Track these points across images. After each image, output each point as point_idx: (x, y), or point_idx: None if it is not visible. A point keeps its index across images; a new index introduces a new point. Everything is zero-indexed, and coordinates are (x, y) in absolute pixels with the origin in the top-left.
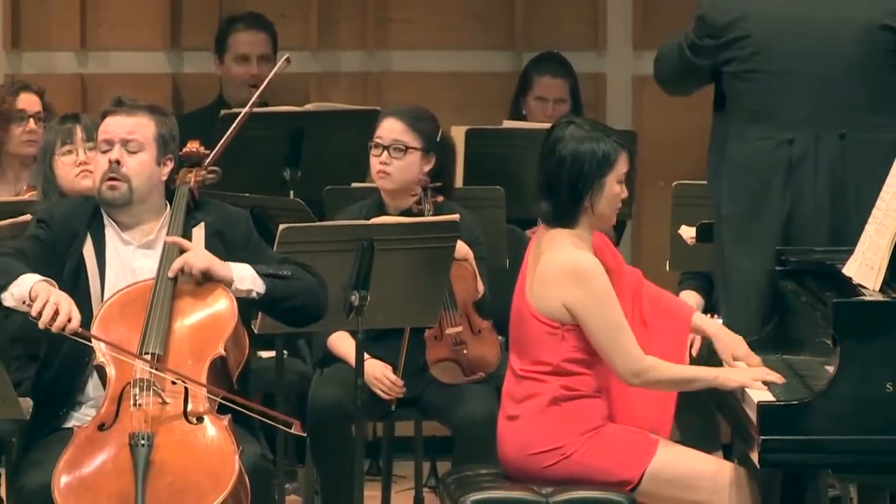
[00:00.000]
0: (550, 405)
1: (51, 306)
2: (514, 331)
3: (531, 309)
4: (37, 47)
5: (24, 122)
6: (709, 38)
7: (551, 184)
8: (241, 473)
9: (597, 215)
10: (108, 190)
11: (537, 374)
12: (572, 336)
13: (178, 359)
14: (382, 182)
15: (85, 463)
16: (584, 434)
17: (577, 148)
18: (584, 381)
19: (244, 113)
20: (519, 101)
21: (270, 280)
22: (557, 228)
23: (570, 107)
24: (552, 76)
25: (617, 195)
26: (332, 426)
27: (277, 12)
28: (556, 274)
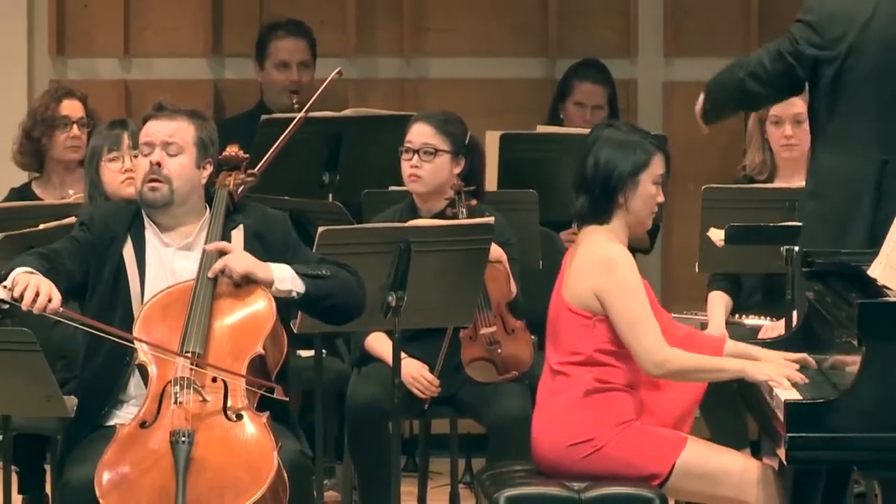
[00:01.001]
0: (584, 397)
1: (31, 288)
2: (551, 328)
3: (566, 303)
4: (81, 54)
5: (67, 127)
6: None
7: (587, 180)
8: (279, 469)
9: (631, 213)
10: (149, 191)
11: (571, 364)
12: (603, 326)
13: (218, 357)
14: (414, 185)
15: (127, 460)
16: (616, 426)
17: (613, 146)
18: (616, 374)
19: (298, 118)
20: (558, 105)
21: (310, 280)
22: (592, 225)
23: (608, 113)
24: (592, 83)
25: (652, 196)
26: (370, 424)
27: (317, 19)
28: (589, 264)
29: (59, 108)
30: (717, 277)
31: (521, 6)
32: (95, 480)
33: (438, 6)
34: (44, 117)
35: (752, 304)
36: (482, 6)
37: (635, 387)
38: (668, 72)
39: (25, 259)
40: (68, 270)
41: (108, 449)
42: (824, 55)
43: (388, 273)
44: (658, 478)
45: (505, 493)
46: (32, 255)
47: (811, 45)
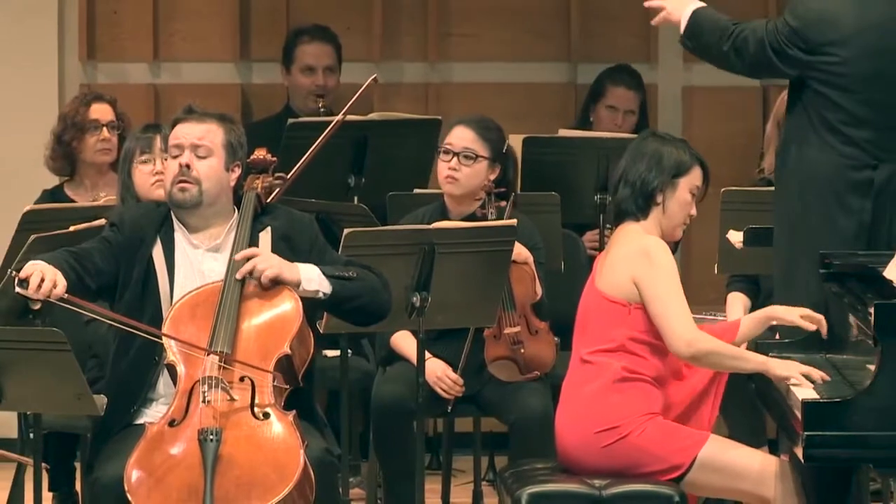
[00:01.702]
0: (613, 384)
1: (37, 275)
2: (581, 319)
3: (601, 293)
4: (111, 58)
5: (97, 131)
6: (799, 51)
7: (629, 175)
8: (306, 467)
9: (667, 215)
10: (178, 192)
11: (602, 352)
12: (639, 314)
13: (246, 357)
14: (450, 187)
15: (156, 457)
16: (642, 416)
17: (659, 147)
18: (645, 366)
19: (335, 122)
20: (589, 108)
21: (336, 280)
22: (628, 222)
23: (638, 119)
24: (626, 88)
25: (688, 203)
26: (395, 422)
27: (343, 25)
28: (627, 255)
29: (88, 112)
30: (736, 279)
31: (544, 12)
32: (125, 478)
33: (463, 12)
34: (74, 121)
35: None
36: (505, 12)
37: (662, 383)
38: (687, 77)
39: (52, 255)
40: (98, 269)
41: (138, 447)
42: (808, 59)
43: (412, 274)
44: (679, 469)
45: (527, 491)
46: (60, 252)
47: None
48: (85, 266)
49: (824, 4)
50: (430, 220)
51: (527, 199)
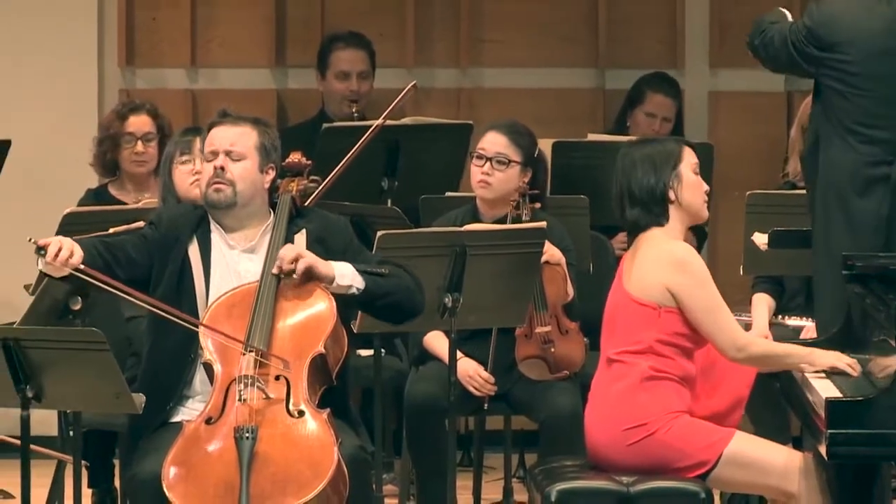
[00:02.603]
0: (640, 383)
1: (55, 244)
2: (609, 320)
3: (630, 296)
4: (150, 64)
5: (132, 144)
6: (814, 48)
7: (632, 192)
8: (339, 464)
9: (685, 206)
10: (213, 192)
11: (630, 353)
12: (669, 317)
13: (281, 355)
14: (482, 191)
15: (192, 454)
16: (668, 414)
17: (642, 154)
18: (673, 366)
19: (375, 126)
20: (626, 113)
21: (370, 277)
22: (651, 229)
23: (673, 126)
24: (664, 95)
25: (697, 183)
26: (427, 420)
27: (376, 31)
28: (657, 262)
29: (124, 126)
30: (761, 280)
31: (573, 19)
32: (162, 474)
33: (493, 19)
34: (109, 134)
35: (794, 306)
36: (535, 19)
37: (688, 383)
38: (713, 82)
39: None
40: (130, 260)
41: (175, 444)
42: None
43: (444, 275)
44: (705, 465)
45: (557, 487)
46: (91, 238)
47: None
48: (115, 255)
49: (835, 7)
50: (462, 222)
51: (556, 202)
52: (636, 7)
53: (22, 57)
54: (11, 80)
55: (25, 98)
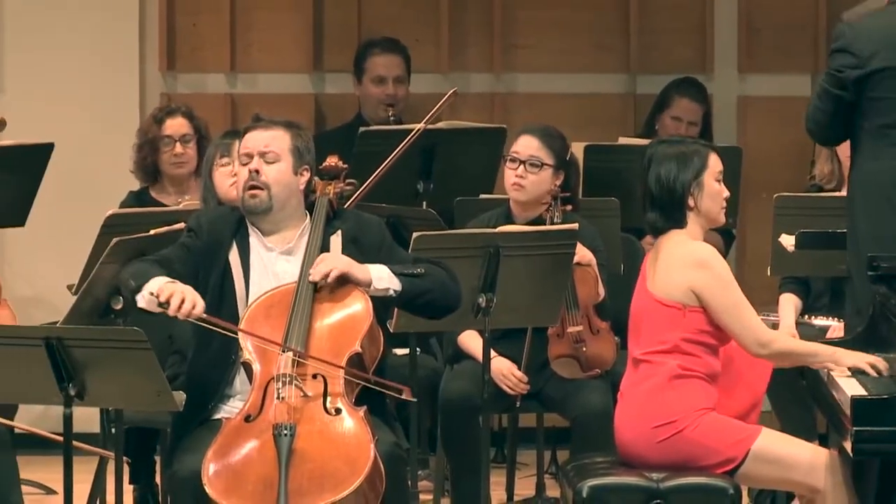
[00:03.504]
0: (668, 382)
1: (178, 295)
2: (634, 322)
3: (655, 297)
4: (190, 69)
5: (170, 146)
6: (853, 70)
7: (655, 194)
8: (376, 461)
9: (703, 213)
10: (249, 198)
11: (656, 353)
12: (693, 317)
13: (318, 355)
14: (516, 194)
15: (232, 451)
16: (696, 411)
17: (670, 159)
18: (698, 364)
19: (417, 130)
20: (654, 116)
21: (406, 278)
22: (670, 232)
23: (701, 130)
24: (691, 100)
25: (718, 192)
26: (462, 418)
27: (412, 37)
28: (679, 263)
29: (161, 129)
30: (788, 280)
31: (604, 25)
32: (202, 471)
33: (526, 25)
34: (147, 138)
35: (820, 306)
36: (567, 25)
37: (714, 380)
38: (742, 87)
39: (143, 266)
40: (179, 275)
41: (215, 441)
42: (862, 73)
43: (478, 275)
44: (733, 462)
45: (588, 483)
46: (148, 262)
47: (849, 67)
48: (169, 274)
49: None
50: (496, 224)
51: (587, 204)
52: (667, 14)
53: (65, 62)
54: (55, 85)
55: (68, 102)
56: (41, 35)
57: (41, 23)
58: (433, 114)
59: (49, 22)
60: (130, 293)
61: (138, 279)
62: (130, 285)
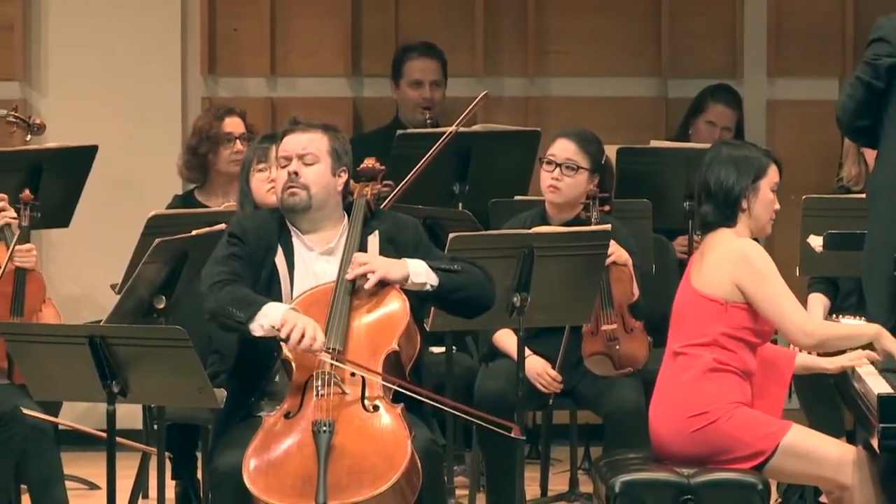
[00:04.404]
0: (704, 374)
1: (298, 330)
2: (676, 316)
3: (698, 291)
4: (231, 73)
5: (231, 143)
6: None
7: (711, 189)
8: (413, 457)
9: (753, 218)
10: (289, 196)
11: (695, 346)
12: (735, 312)
13: (356, 353)
14: (552, 196)
15: (272, 447)
16: (730, 404)
17: (733, 161)
18: (735, 359)
19: (449, 133)
20: (689, 120)
21: (443, 273)
22: (719, 230)
23: (734, 135)
24: (725, 105)
25: (771, 201)
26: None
27: (448, 42)
28: (725, 259)
29: (222, 126)
30: (817, 280)
31: (636, 30)
32: (243, 466)
33: (560, 30)
34: (209, 135)
35: (847, 305)
36: (600, 30)
37: (749, 376)
38: (771, 90)
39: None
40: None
41: (255, 437)
42: None
43: (513, 275)
44: (763, 455)
45: (620, 479)
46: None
47: (885, 55)
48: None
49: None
50: (531, 225)
51: (620, 205)
52: (697, 19)
53: (108, 66)
54: (99, 89)
55: (112, 105)
56: (85, 40)
57: (85, 28)
58: (465, 116)
59: (92, 27)
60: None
61: (245, 308)
62: (238, 316)
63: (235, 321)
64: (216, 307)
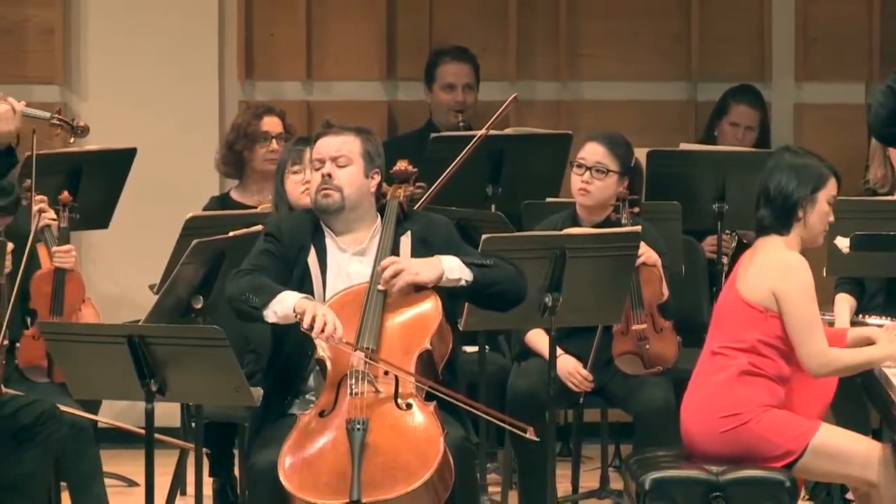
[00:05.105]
0: (738, 376)
1: (320, 318)
2: (717, 316)
3: (740, 296)
4: (267, 77)
5: (267, 142)
6: None
7: (770, 195)
8: (445, 454)
9: (808, 227)
10: (322, 198)
11: (732, 349)
12: (773, 322)
13: (389, 352)
14: (582, 199)
15: (307, 445)
16: (761, 406)
17: (795, 168)
18: (771, 365)
19: (479, 136)
20: (713, 123)
21: (477, 268)
22: (772, 235)
23: (758, 135)
24: (747, 105)
25: (826, 213)
26: (528, 413)
27: (480, 46)
28: (769, 266)
29: (260, 125)
30: (844, 281)
31: (666, 35)
32: (279, 464)
33: (591, 35)
34: (246, 132)
35: (874, 306)
36: (631, 34)
37: (782, 381)
38: (798, 94)
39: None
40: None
41: (290, 435)
42: None
43: (545, 276)
44: (792, 455)
45: (650, 476)
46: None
47: None
48: None
49: None
50: (562, 226)
51: (650, 207)
52: (726, 24)
53: (147, 70)
54: (137, 92)
55: (150, 109)
56: (124, 44)
57: (124, 33)
58: (496, 119)
59: (131, 32)
60: (253, 308)
61: (261, 295)
62: (253, 301)
63: (250, 306)
64: (234, 293)
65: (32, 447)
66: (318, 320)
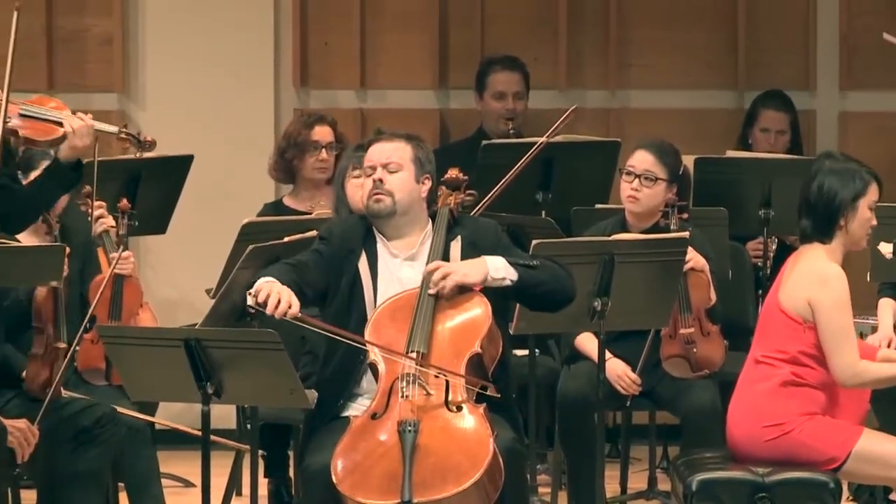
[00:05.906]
0: (781, 387)
1: (274, 296)
2: (762, 324)
3: (781, 305)
4: (322, 86)
5: (317, 151)
6: None
7: (812, 203)
8: (495, 455)
9: (850, 234)
10: (374, 203)
11: (775, 360)
12: (812, 334)
13: (440, 356)
14: (631, 206)
15: (359, 447)
16: (804, 415)
17: (835, 175)
18: (812, 374)
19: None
20: (746, 131)
21: (522, 268)
22: (814, 243)
23: (790, 138)
24: (775, 110)
25: (868, 219)
26: (578, 415)
27: (531, 55)
28: (807, 276)
29: (310, 134)
30: (887, 286)
31: (714, 44)
32: (332, 466)
33: (640, 44)
34: (296, 141)
35: None
36: (679, 44)
37: (825, 387)
38: (843, 103)
39: (275, 269)
40: (314, 280)
41: (343, 438)
42: None
43: (594, 281)
44: (836, 461)
45: (697, 477)
46: (282, 266)
47: None
48: (304, 278)
49: None
50: (612, 232)
51: (698, 213)
52: (772, 34)
53: (205, 79)
54: (195, 100)
55: (208, 116)
56: (181, 53)
57: (181, 42)
58: (555, 129)
59: (189, 41)
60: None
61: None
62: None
63: None
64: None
65: (91, 448)
66: (272, 297)
